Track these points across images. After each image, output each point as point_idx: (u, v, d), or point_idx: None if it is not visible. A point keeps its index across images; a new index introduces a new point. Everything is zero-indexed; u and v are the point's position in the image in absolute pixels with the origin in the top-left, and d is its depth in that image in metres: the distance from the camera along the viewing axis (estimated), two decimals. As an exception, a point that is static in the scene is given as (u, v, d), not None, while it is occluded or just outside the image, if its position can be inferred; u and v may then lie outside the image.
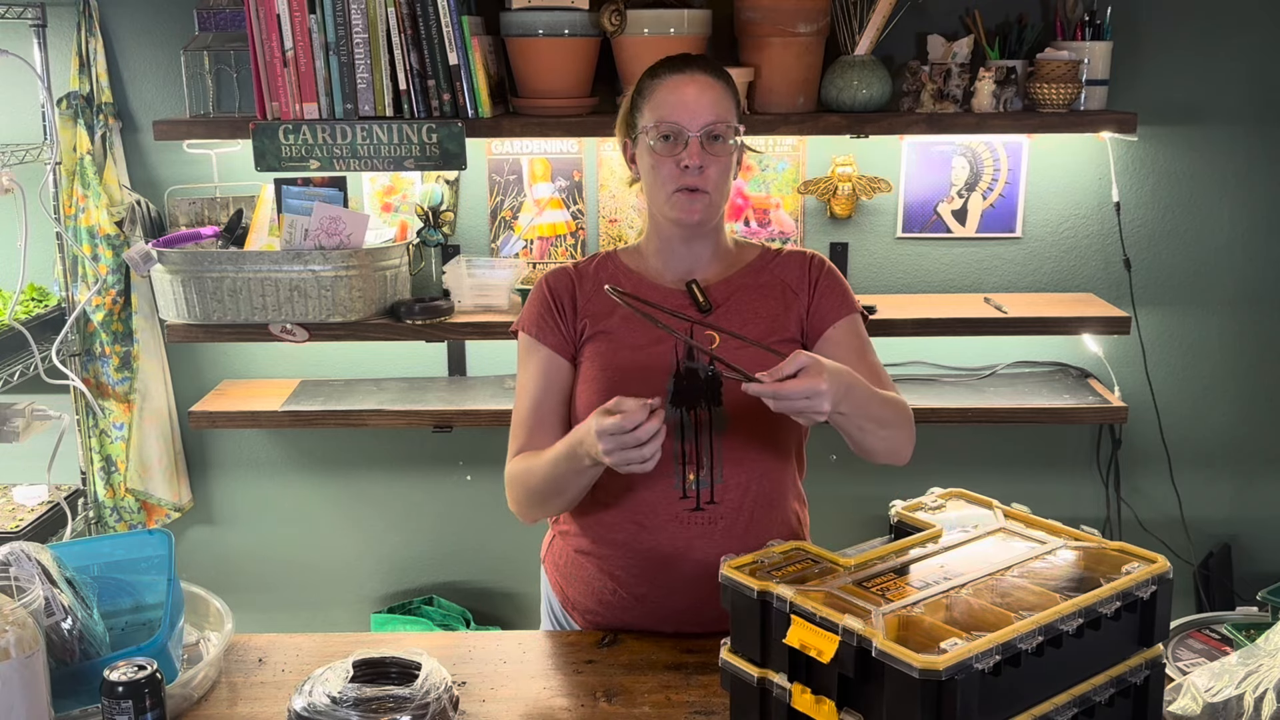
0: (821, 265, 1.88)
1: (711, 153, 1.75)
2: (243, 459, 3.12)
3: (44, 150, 2.78)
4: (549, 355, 1.85)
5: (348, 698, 1.49)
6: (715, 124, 1.75)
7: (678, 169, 1.75)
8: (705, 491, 1.78)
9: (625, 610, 1.84)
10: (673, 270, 1.86)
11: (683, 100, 1.75)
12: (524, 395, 1.86)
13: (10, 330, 2.66)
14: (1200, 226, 2.96)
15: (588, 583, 1.88)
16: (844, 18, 2.70)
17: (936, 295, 2.98)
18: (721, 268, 1.87)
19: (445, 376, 3.06)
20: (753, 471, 1.79)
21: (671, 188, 1.76)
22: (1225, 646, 1.79)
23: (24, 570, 1.56)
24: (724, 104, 1.77)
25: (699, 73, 1.77)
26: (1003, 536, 1.61)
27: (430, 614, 3.08)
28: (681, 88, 1.76)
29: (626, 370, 1.79)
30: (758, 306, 1.83)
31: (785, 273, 1.87)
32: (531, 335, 1.86)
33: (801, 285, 1.86)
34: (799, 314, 1.84)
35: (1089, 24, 2.74)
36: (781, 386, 1.54)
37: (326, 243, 2.64)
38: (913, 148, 2.92)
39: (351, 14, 2.56)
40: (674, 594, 1.80)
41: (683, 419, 1.76)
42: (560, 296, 1.87)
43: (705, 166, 1.75)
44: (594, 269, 1.90)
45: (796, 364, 1.56)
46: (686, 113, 1.74)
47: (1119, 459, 3.08)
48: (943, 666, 1.24)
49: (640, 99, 1.80)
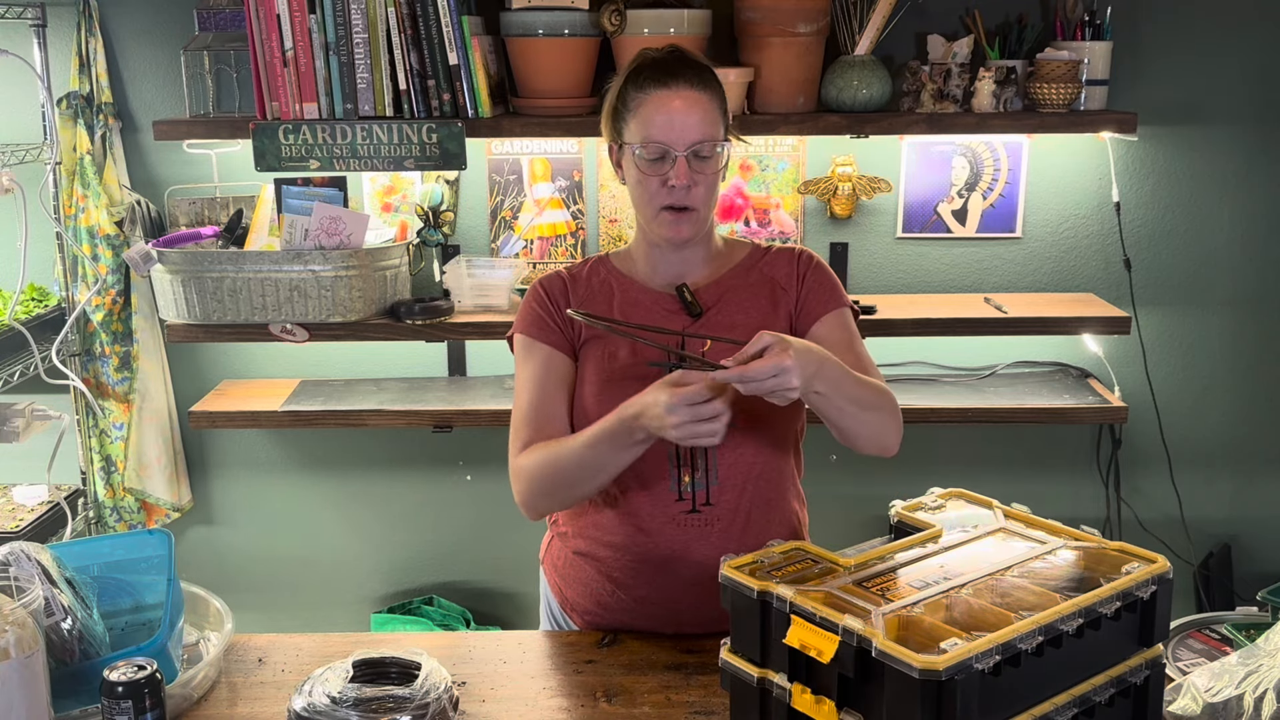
0: (809, 261, 1.87)
1: (699, 170, 1.73)
2: (243, 459, 3.12)
3: (44, 150, 2.78)
4: (550, 352, 1.84)
5: (348, 698, 1.49)
6: (702, 143, 1.72)
7: (664, 188, 1.74)
8: (701, 494, 1.78)
9: (624, 611, 1.84)
10: (662, 275, 1.85)
11: (669, 119, 1.72)
12: (525, 392, 1.84)
13: (10, 330, 2.66)
14: (1200, 226, 2.96)
15: (586, 584, 1.87)
16: (844, 18, 2.70)
17: (936, 295, 2.98)
18: (711, 270, 1.86)
19: (445, 376, 3.06)
20: (749, 473, 1.79)
21: (658, 205, 1.75)
22: (1225, 646, 1.79)
23: (24, 570, 1.56)
24: (710, 119, 1.74)
25: (684, 86, 1.73)
26: (1003, 536, 1.61)
27: (430, 614, 3.08)
28: (667, 104, 1.72)
29: (620, 375, 1.78)
30: (748, 306, 1.83)
31: (774, 270, 1.86)
32: (530, 336, 1.85)
33: (790, 281, 1.85)
34: (788, 310, 1.84)
35: (1089, 24, 2.74)
36: (747, 369, 1.53)
37: (326, 243, 2.64)
38: (913, 148, 2.92)
39: (351, 14, 2.56)
40: (673, 595, 1.80)
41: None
42: (555, 299, 1.86)
43: (694, 185, 1.73)
44: (586, 273, 1.89)
45: (760, 343, 1.55)
46: (673, 132, 1.71)
47: (1119, 459, 3.08)
48: (943, 666, 1.24)
49: (625, 110, 1.77)
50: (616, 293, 1.85)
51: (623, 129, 1.78)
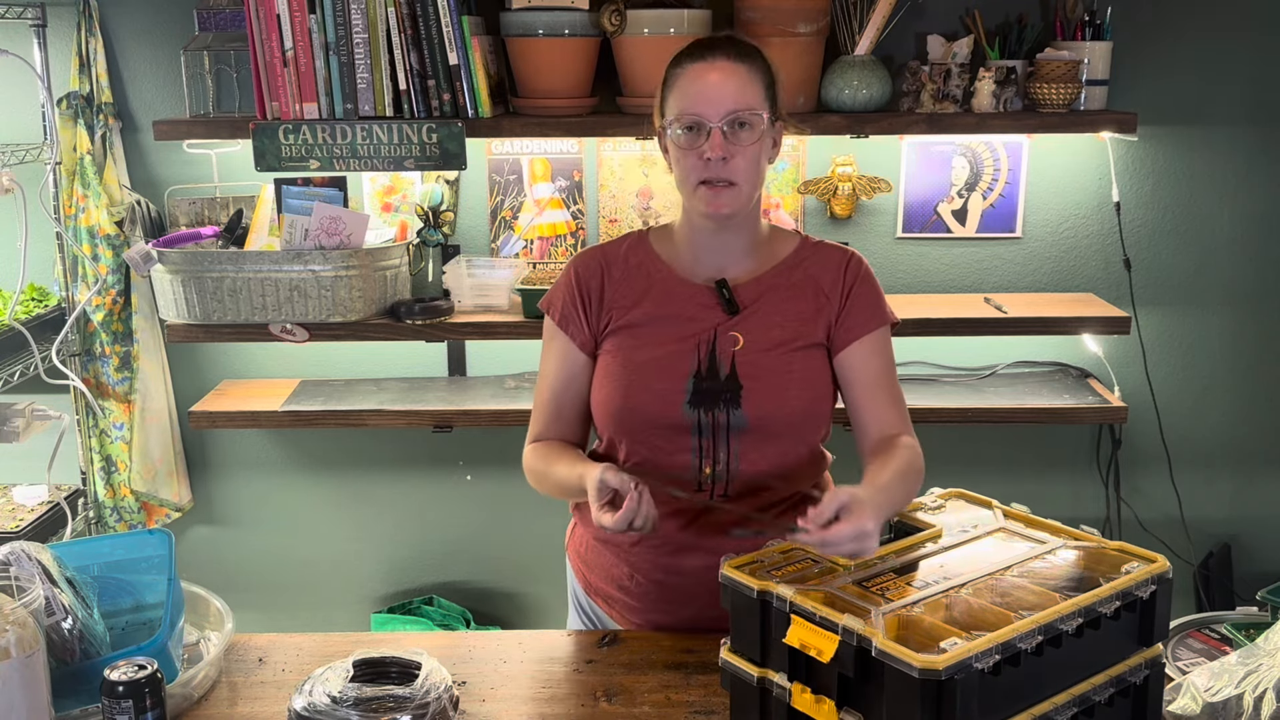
0: (858, 271, 1.81)
1: (736, 142, 1.68)
2: (243, 459, 3.12)
3: (44, 150, 2.78)
4: (568, 346, 1.84)
5: (348, 697, 1.49)
6: (739, 112, 1.67)
7: (701, 161, 1.69)
8: (720, 486, 1.77)
9: (642, 597, 1.85)
10: (704, 266, 1.81)
11: (704, 90, 1.68)
12: (544, 380, 1.87)
13: (10, 330, 2.66)
14: (1200, 226, 2.96)
15: (606, 570, 1.89)
16: (844, 18, 2.70)
17: (936, 295, 2.98)
18: (754, 264, 1.81)
19: (445, 376, 3.06)
20: (770, 471, 1.78)
21: (695, 180, 1.71)
22: (1225, 646, 1.79)
23: (24, 570, 1.56)
24: (749, 89, 1.69)
25: (721, 58, 1.69)
26: (1003, 537, 1.61)
27: (430, 614, 3.08)
28: (703, 75, 1.69)
29: (647, 371, 1.77)
30: (786, 308, 1.78)
31: (820, 272, 1.81)
32: (554, 321, 1.85)
33: (835, 290, 1.80)
34: (828, 320, 1.79)
35: (1089, 24, 2.74)
36: (828, 534, 1.46)
37: (326, 243, 2.64)
38: (913, 148, 2.92)
39: (351, 14, 2.56)
40: (689, 582, 1.79)
41: (700, 419, 1.75)
42: (587, 285, 1.83)
43: (731, 157, 1.68)
44: (625, 252, 1.85)
45: (837, 504, 1.48)
46: (708, 103, 1.67)
47: (1119, 459, 3.08)
48: (942, 666, 1.24)
49: (666, 89, 1.75)
50: (654, 281, 1.81)
51: (665, 109, 1.75)
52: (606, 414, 1.80)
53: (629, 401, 1.76)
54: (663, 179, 2.91)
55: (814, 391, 1.77)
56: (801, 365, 1.76)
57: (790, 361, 1.76)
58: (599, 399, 1.81)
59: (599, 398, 1.81)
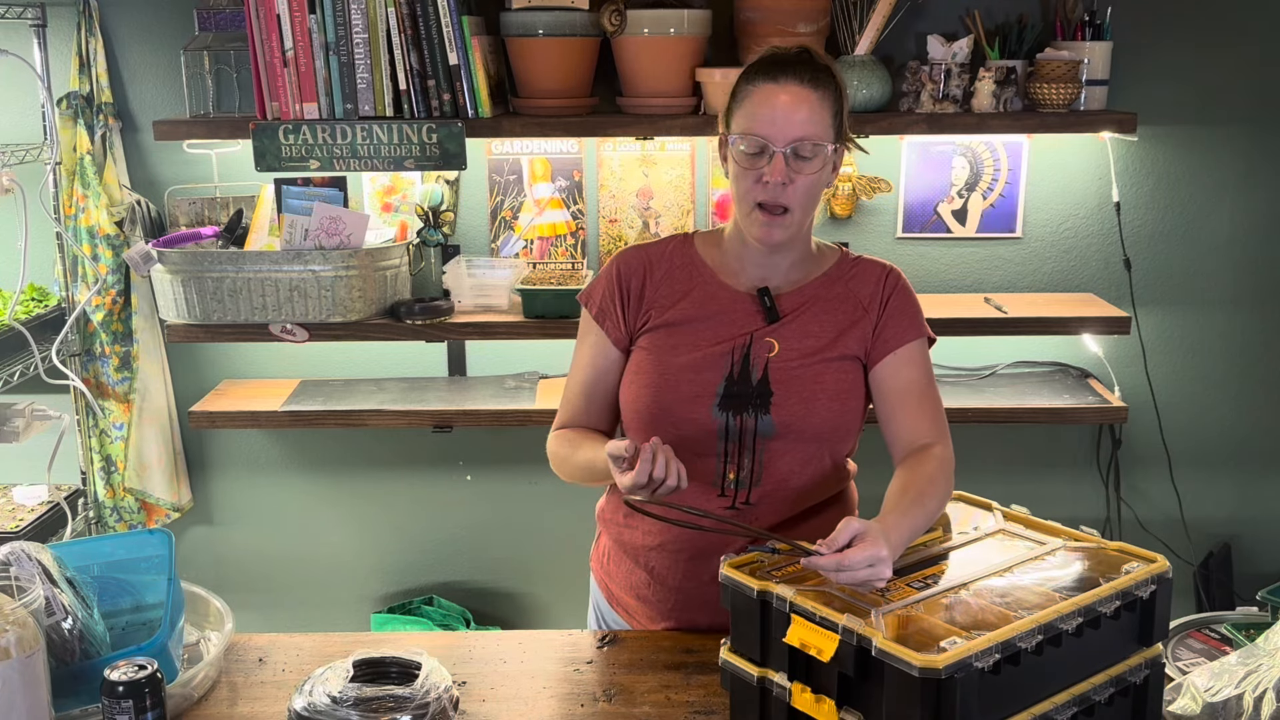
0: (895, 283, 1.82)
1: (798, 170, 1.68)
2: (243, 459, 3.12)
3: (44, 150, 2.78)
4: (603, 341, 1.84)
5: (348, 697, 1.49)
6: (803, 141, 1.66)
7: (760, 184, 1.68)
8: (743, 492, 1.77)
9: (661, 604, 1.86)
10: (748, 275, 1.81)
11: (771, 113, 1.67)
12: (576, 372, 1.88)
13: (10, 330, 2.66)
14: (1200, 226, 2.96)
15: (626, 577, 1.90)
16: (844, 18, 2.70)
17: (936, 295, 2.98)
18: (799, 275, 1.82)
19: (445, 376, 3.06)
20: (793, 478, 1.78)
21: (752, 202, 1.71)
22: (1225, 646, 1.79)
23: (24, 570, 1.56)
24: (818, 117, 1.68)
25: (793, 81, 1.67)
26: (1003, 538, 1.61)
27: (430, 614, 3.08)
28: (773, 97, 1.67)
29: (679, 371, 1.77)
30: (825, 320, 1.79)
31: (860, 286, 1.81)
32: (591, 314, 1.86)
33: (873, 303, 1.80)
34: (865, 332, 1.79)
35: (1089, 24, 2.74)
36: (843, 557, 1.44)
37: (326, 243, 2.64)
38: (913, 148, 2.92)
39: (351, 14, 2.56)
40: (706, 588, 1.78)
41: (728, 422, 1.75)
42: (628, 283, 1.84)
43: (790, 183, 1.67)
44: (669, 252, 1.86)
45: (850, 532, 1.47)
46: (774, 127, 1.66)
47: (1119, 459, 3.08)
48: (942, 665, 1.24)
49: (734, 102, 1.73)
50: (696, 283, 1.82)
51: (731, 120, 1.74)
52: (634, 411, 1.80)
53: (659, 400, 1.77)
54: (663, 179, 2.91)
55: (843, 403, 1.77)
56: (833, 376, 1.77)
57: (822, 372, 1.76)
58: (628, 396, 1.81)
59: (628, 394, 1.81)
